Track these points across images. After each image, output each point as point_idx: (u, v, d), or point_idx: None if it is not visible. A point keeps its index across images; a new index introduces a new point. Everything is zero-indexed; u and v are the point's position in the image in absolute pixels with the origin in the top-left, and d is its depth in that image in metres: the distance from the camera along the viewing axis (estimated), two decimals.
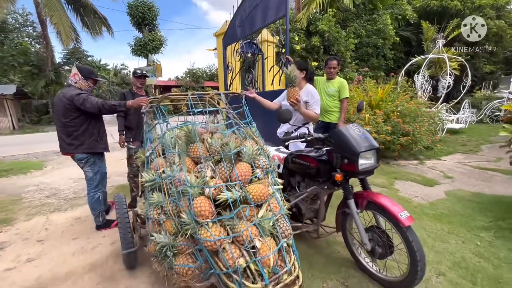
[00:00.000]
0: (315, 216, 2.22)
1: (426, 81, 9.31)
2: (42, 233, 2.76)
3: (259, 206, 1.60)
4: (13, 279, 2.03)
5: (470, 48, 13.79)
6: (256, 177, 1.69)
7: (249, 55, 6.16)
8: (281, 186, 1.81)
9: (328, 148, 1.94)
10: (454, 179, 4.09)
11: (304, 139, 1.97)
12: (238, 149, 1.73)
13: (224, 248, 1.42)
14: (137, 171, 3.17)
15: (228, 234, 1.47)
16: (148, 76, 3.40)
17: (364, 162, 1.77)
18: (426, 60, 9.22)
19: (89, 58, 19.95)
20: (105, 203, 2.76)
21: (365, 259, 2.00)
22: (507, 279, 1.78)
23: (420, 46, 14.30)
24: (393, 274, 1.83)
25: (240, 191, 1.54)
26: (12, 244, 2.55)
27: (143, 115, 2.95)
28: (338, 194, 2.26)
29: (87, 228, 2.86)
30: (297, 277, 1.45)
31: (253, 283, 1.38)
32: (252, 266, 1.38)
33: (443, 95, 8.47)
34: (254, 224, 1.49)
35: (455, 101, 8.93)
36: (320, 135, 1.99)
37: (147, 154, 1.97)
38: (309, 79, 3.49)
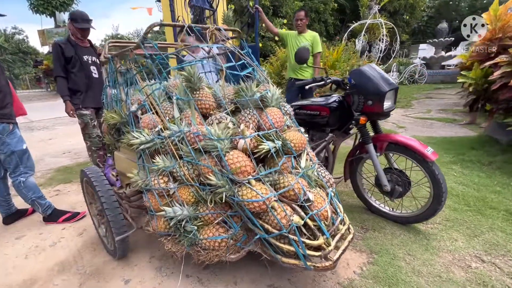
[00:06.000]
0: (325, 165, 2.13)
1: (364, 46, 10.06)
2: None
3: (296, 157, 1.37)
4: None
5: (392, 16, 15.34)
6: (286, 125, 1.44)
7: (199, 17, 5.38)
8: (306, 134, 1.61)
9: (347, 92, 1.79)
10: (406, 128, 4.62)
11: (323, 82, 1.78)
12: (263, 92, 1.41)
13: (273, 207, 1.18)
14: (100, 142, 2.50)
15: (274, 191, 1.22)
16: (91, 23, 2.54)
17: (387, 102, 1.70)
18: (366, 25, 9.87)
19: None
20: (36, 189, 2.08)
21: (376, 202, 2.05)
22: (490, 199, 2.08)
23: (353, 14, 15.23)
24: (408, 210, 1.91)
25: (280, 140, 1.28)
26: None
27: (101, 67, 2.25)
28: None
29: (35, 222, 2.18)
30: (349, 225, 1.34)
31: (308, 239, 1.20)
32: (309, 222, 1.19)
33: (379, 58, 9.35)
34: (302, 176, 1.28)
35: (387, 64, 10.01)
36: (337, 78, 1.82)
37: (133, 108, 1.47)
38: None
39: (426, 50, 15.34)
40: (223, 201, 1.19)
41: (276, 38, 8.74)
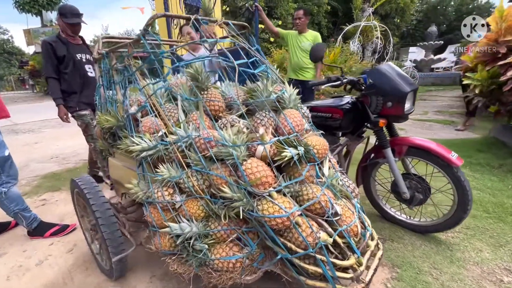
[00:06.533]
0: None
1: (358, 48, 10.11)
2: None
3: (319, 164, 1.24)
4: None
5: (383, 20, 15.54)
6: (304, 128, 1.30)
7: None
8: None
9: (363, 93, 1.67)
10: (407, 130, 4.57)
11: (339, 82, 1.65)
12: (279, 93, 1.27)
13: (297, 223, 1.04)
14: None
15: (296, 204, 1.08)
16: (82, 18, 2.34)
17: (407, 104, 1.59)
18: (360, 27, 9.91)
19: None
20: (20, 200, 1.87)
21: (391, 209, 1.94)
22: (508, 204, 2.00)
23: (346, 17, 15.37)
24: (427, 218, 1.80)
25: (302, 145, 1.14)
26: None
27: (96, 65, 2.04)
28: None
29: (18, 236, 1.96)
30: (378, 240, 1.21)
31: (337, 258, 1.06)
32: (337, 239, 1.05)
33: (374, 60, 9.39)
34: (327, 186, 1.14)
35: (385, 62, 10.11)
36: (353, 78, 1.70)
37: (132, 110, 1.30)
38: None
39: (415, 53, 15.62)
40: (240, 217, 1.04)
41: (272, 39, 8.66)
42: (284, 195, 1.09)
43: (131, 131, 1.33)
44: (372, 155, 1.84)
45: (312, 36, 3.52)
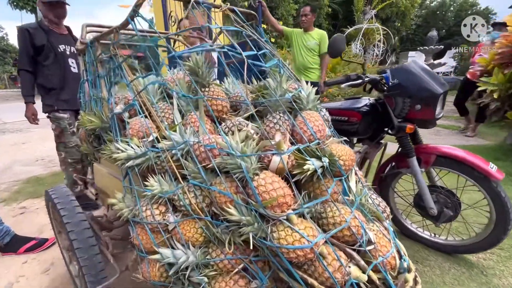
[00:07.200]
0: None
1: (359, 50, 9.98)
2: None
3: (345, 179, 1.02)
4: None
5: (384, 23, 15.50)
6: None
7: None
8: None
9: (386, 94, 1.47)
10: None
11: (361, 80, 1.45)
12: (295, 91, 1.06)
13: (321, 254, 0.82)
14: (78, 152, 2.04)
15: (320, 230, 0.86)
16: (68, 4, 2.09)
17: (438, 107, 1.38)
18: (362, 29, 9.78)
19: None
20: None
21: (412, 225, 1.73)
22: None
23: (346, 19, 15.30)
24: (455, 237, 1.60)
25: (326, 156, 0.92)
26: None
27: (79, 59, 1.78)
28: None
29: None
30: (415, 273, 1.00)
31: None
32: (371, 274, 0.83)
33: (377, 62, 9.26)
34: (357, 206, 0.92)
35: (387, 66, 9.98)
36: (375, 76, 1.50)
37: (117, 110, 1.08)
38: None
39: (415, 58, 15.61)
40: (251, 246, 0.82)
41: (272, 40, 8.49)
42: (304, 217, 0.88)
43: (117, 134, 1.11)
44: (393, 164, 1.64)
45: (318, 35, 3.33)
